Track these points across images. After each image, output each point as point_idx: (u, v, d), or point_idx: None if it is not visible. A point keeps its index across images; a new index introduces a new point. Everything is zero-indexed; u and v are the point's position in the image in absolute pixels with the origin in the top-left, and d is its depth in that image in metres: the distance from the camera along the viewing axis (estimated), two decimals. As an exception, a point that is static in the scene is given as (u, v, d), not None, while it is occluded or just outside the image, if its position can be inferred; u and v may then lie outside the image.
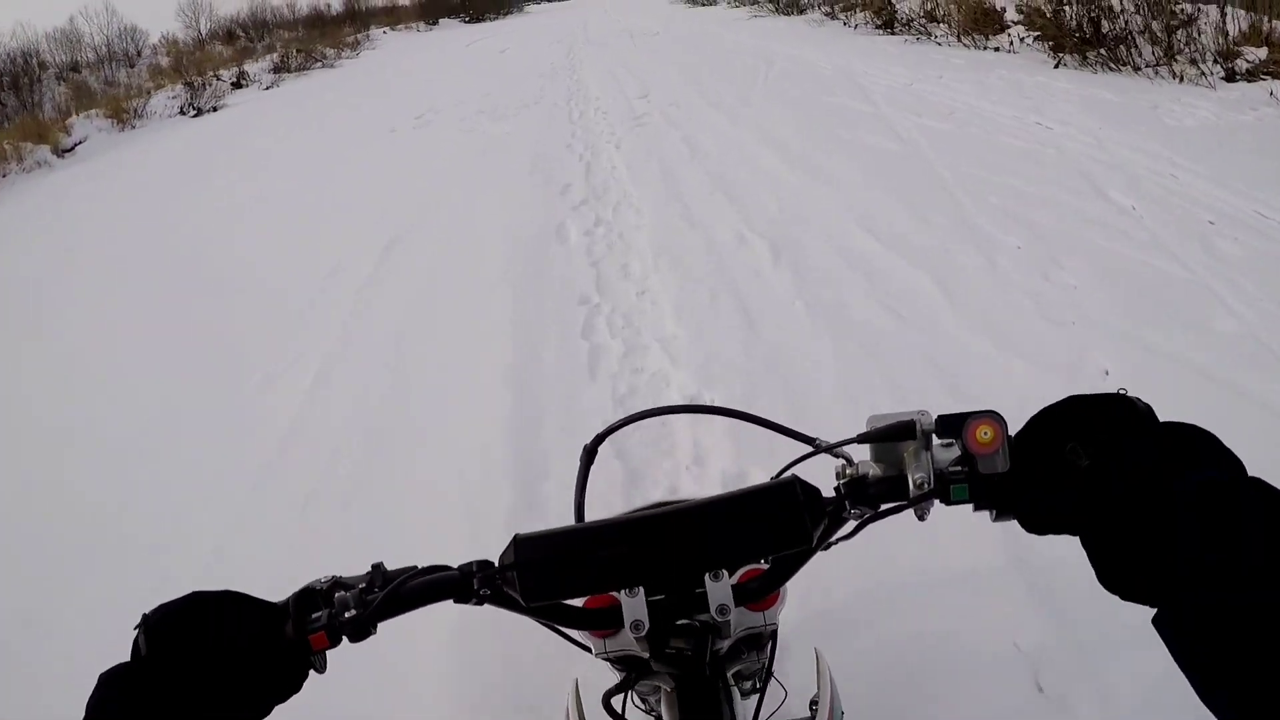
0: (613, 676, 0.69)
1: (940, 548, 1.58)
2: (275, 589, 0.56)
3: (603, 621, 0.61)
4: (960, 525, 0.77)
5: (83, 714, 0.47)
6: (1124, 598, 0.46)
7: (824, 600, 1.52)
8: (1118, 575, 0.46)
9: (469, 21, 26.65)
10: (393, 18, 27.16)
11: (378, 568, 0.57)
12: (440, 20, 25.92)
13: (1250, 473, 0.44)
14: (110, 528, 2.17)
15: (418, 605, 0.55)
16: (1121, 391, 0.50)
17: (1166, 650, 0.43)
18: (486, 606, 0.56)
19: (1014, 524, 0.52)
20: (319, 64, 15.82)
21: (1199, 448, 0.46)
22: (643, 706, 0.83)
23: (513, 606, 0.57)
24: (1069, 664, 1.39)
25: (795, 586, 0.65)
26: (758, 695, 0.78)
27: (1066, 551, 0.52)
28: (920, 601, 1.54)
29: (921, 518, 0.55)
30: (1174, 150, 3.73)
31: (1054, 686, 1.37)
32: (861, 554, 0.74)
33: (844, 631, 1.48)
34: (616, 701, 0.65)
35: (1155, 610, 0.44)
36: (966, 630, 1.47)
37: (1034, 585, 1.53)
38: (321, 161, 6.54)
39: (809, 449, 0.66)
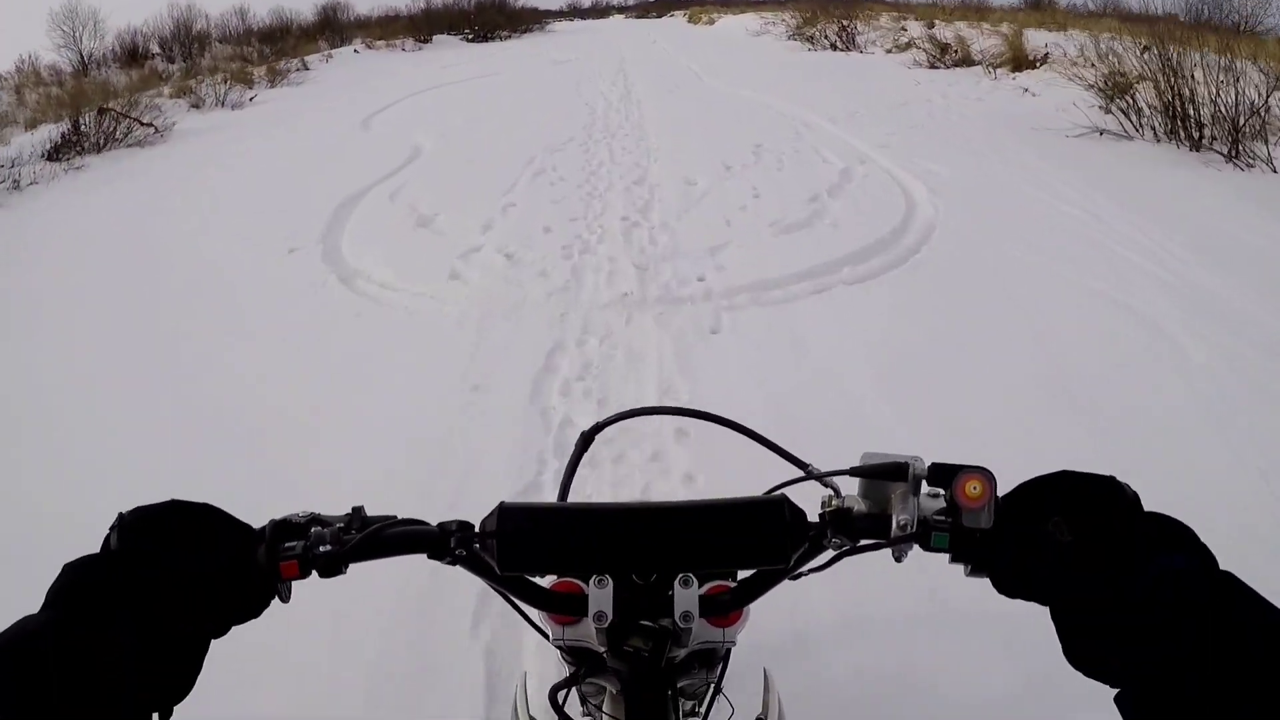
0: (559, 674, 0.69)
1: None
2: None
3: (567, 607, 0.62)
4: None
5: (42, 600, 0.46)
6: (1087, 675, 0.48)
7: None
8: (1084, 652, 0.48)
9: (472, 40, 22.74)
10: (380, 31, 22.62)
11: (357, 510, 0.59)
12: (435, 37, 21.86)
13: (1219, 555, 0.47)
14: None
15: (392, 553, 0.56)
16: (1112, 477, 0.52)
17: None
18: (458, 568, 0.58)
19: (986, 582, 0.53)
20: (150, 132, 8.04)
21: (1174, 537, 0.49)
22: (585, 709, 0.83)
23: (484, 572, 0.58)
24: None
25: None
26: (705, 709, 0.78)
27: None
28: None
29: (899, 559, 0.56)
30: None
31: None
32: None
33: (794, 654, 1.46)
34: (563, 696, 0.66)
35: (1119, 689, 0.45)
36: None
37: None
38: None
39: (800, 474, 0.68)
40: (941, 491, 0.55)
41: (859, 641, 1.66)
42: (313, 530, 0.55)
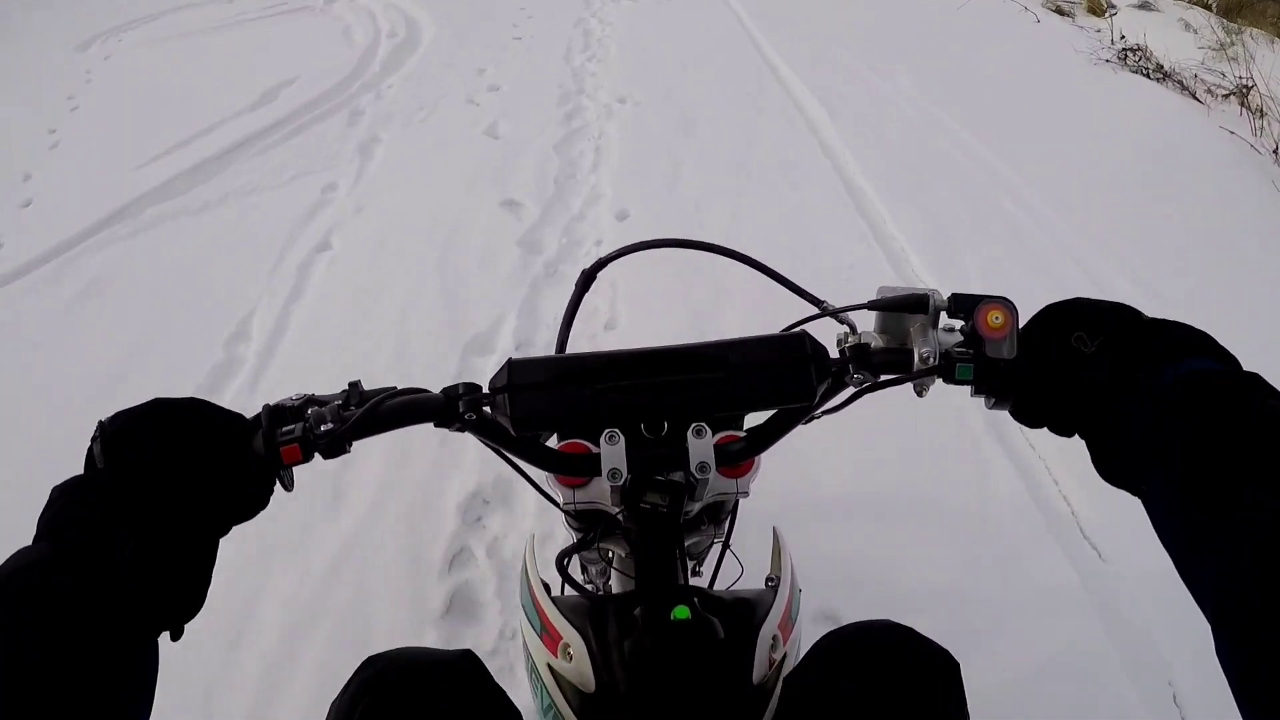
0: (564, 541, 0.68)
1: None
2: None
3: (580, 467, 0.60)
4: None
5: (34, 531, 0.44)
6: (1117, 485, 0.49)
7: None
8: (1114, 465, 0.49)
9: None
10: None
11: (354, 385, 0.56)
12: None
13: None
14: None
15: (397, 425, 0.53)
16: (1123, 303, 0.52)
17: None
18: (467, 435, 0.54)
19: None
20: None
21: (1197, 342, 0.49)
22: (587, 576, 0.83)
23: (496, 435, 0.56)
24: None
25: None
26: (714, 568, 0.78)
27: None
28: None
29: (920, 394, 0.56)
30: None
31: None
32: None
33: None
34: (568, 562, 0.66)
35: (1146, 495, 0.45)
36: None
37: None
38: None
39: (816, 310, 0.66)
40: (958, 324, 0.54)
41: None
42: (310, 411, 0.52)
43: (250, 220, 2.91)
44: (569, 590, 0.67)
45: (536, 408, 0.54)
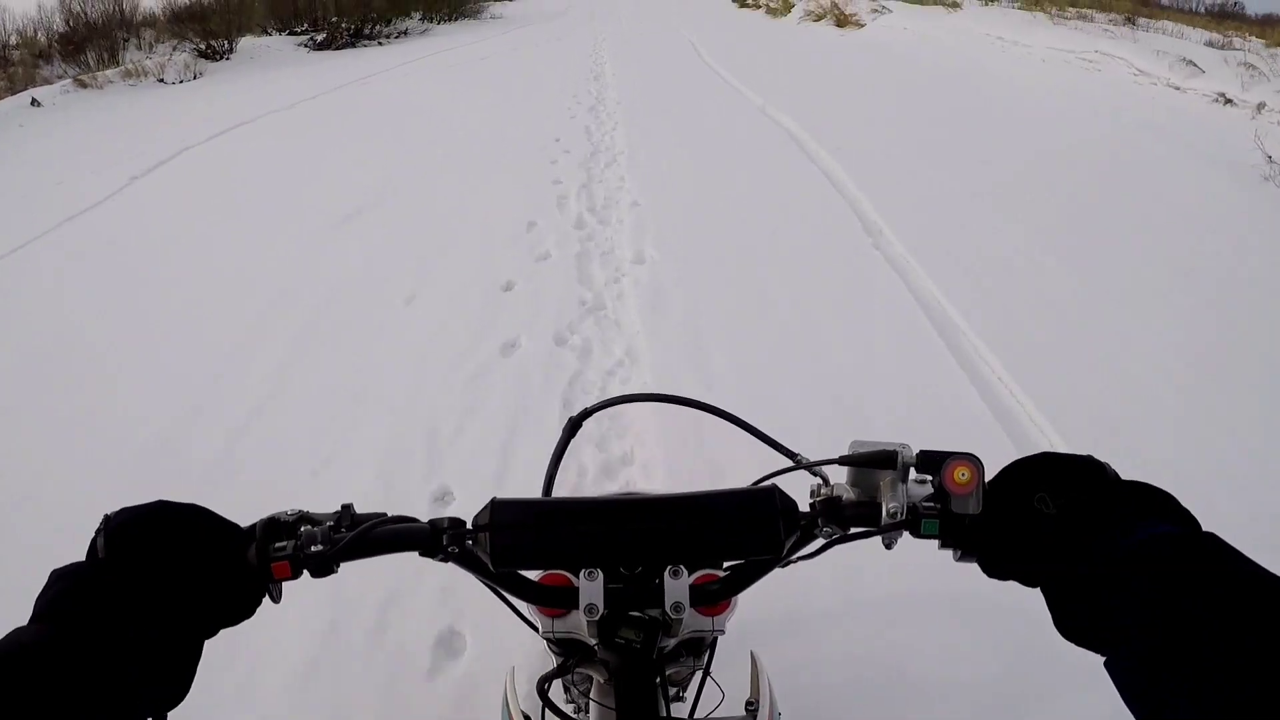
0: (546, 666, 0.72)
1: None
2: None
3: (558, 600, 0.63)
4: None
5: (31, 611, 0.47)
6: (1078, 644, 0.51)
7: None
8: (1073, 623, 0.51)
9: (322, 45, 15.68)
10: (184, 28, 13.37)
11: (347, 508, 0.59)
12: (247, 42, 14.44)
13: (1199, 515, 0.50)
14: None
15: (383, 552, 0.57)
16: (1090, 456, 0.55)
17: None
18: (450, 566, 0.58)
19: (974, 568, 0.55)
20: None
21: (1156, 504, 0.52)
22: (569, 696, 0.85)
23: (476, 568, 0.60)
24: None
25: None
26: (695, 695, 0.81)
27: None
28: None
29: (889, 546, 0.59)
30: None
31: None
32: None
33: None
34: (549, 687, 0.68)
35: (1106, 656, 0.47)
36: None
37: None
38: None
39: (790, 463, 0.70)
40: (929, 478, 0.56)
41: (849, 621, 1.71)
42: (302, 529, 0.55)
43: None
44: (550, 716, 0.69)
45: (515, 548, 0.59)
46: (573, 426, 0.82)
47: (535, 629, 0.71)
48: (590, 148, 5.61)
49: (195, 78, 12.28)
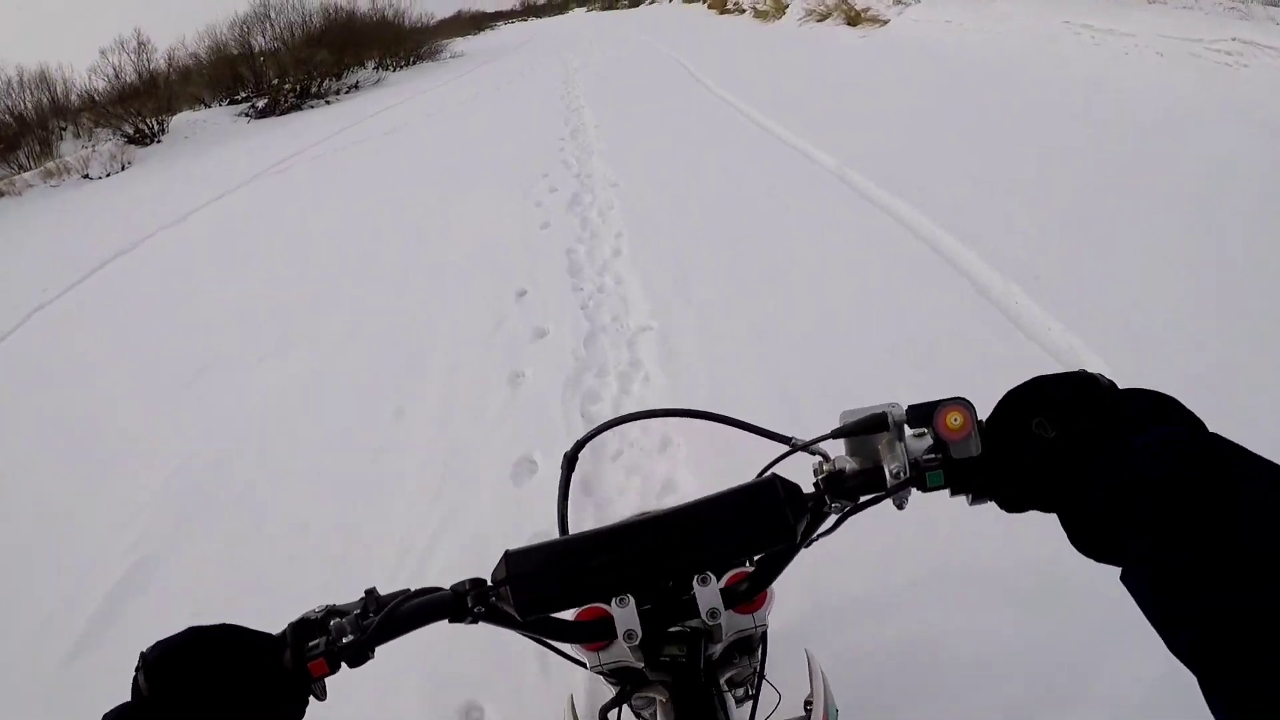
0: (609, 691, 0.76)
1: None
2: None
3: (595, 634, 0.67)
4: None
5: None
6: (1094, 559, 0.53)
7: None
8: (1087, 537, 0.53)
9: (262, 113, 15.67)
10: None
11: (370, 593, 0.63)
12: (182, 117, 14.76)
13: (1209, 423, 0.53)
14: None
15: (413, 627, 0.61)
16: (1082, 370, 0.57)
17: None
18: (481, 625, 0.63)
19: (993, 505, 0.59)
20: None
21: (1159, 408, 0.53)
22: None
23: (507, 623, 0.64)
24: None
25: (780, 587, 0.73)
26: (752, 700, 0.84)
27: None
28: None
29: (900, 506, 0.62)
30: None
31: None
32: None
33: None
34: (612, 715, 0.73)
35: (1122, 568, 0.51)
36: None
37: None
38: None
39: (785, 448, 0.75)
40: (926, 431, 0.60)
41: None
42: (332, 623, 0.60)
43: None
44: None
45: (537, 595, 0.62)
46: (569, 462, 0.87)
47: (584, 665, 0.75)
48: (586, 324, 3.52)
49: (124, 168, 11.88)
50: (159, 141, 13.65)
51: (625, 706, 0.81)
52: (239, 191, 8.21)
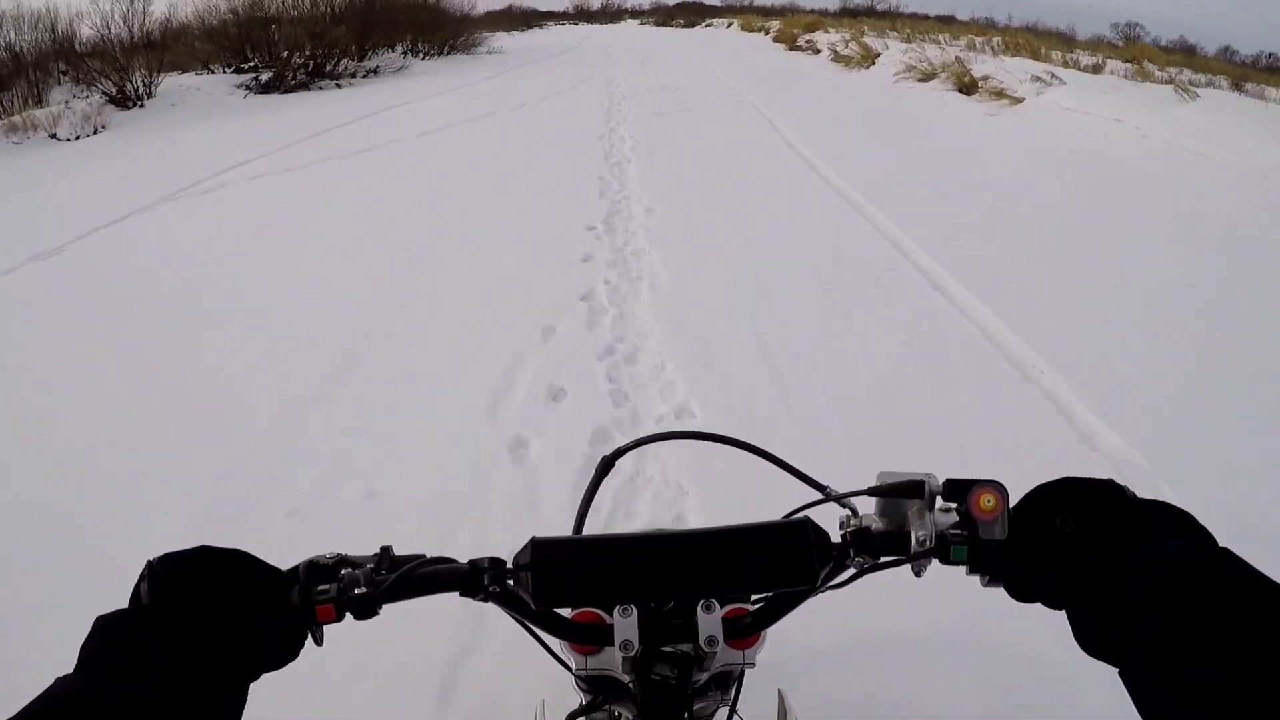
0: (574, 703, 0.83)
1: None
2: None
3: (592, 637, 0.72)
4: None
5: (76, 658, 0.55)
6: (1096, 657, 0.58)
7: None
8: (1092, 635, 0.58)
9: (269, 87, 14.39)
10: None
11: (385, 550, 0.66)
12: (171, 81, 13.45)
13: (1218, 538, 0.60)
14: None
15: (426, 593, 0.65)
16: (1111, 480, 0.63)
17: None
18: (490, 605, 0.69)
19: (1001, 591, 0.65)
20: None
21: (1174, 522, 0.59)
22: None
23: (517, 607, 0.69)
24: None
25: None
26: None
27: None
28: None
29: (918, 574, 0.67)
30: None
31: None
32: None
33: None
34: None
35: (1120, 668, 0.57)
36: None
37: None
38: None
39: (819, 495, 0.80)
40: (955, 505, 0.65)
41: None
42: (344, 572, 0.63)
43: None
44: None
45: (557, 586, 0.65)
46: (605, 466, 0.91)
47: (568, 667, 0.80)
48: None
49: (96, 132, 10.67)
50: (142, 106, 12.49)
51: (590, 718, 0.85)
52: (143, 215, 6.13)
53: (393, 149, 8.51)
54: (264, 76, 15.38)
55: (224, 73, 15.74)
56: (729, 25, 37.20)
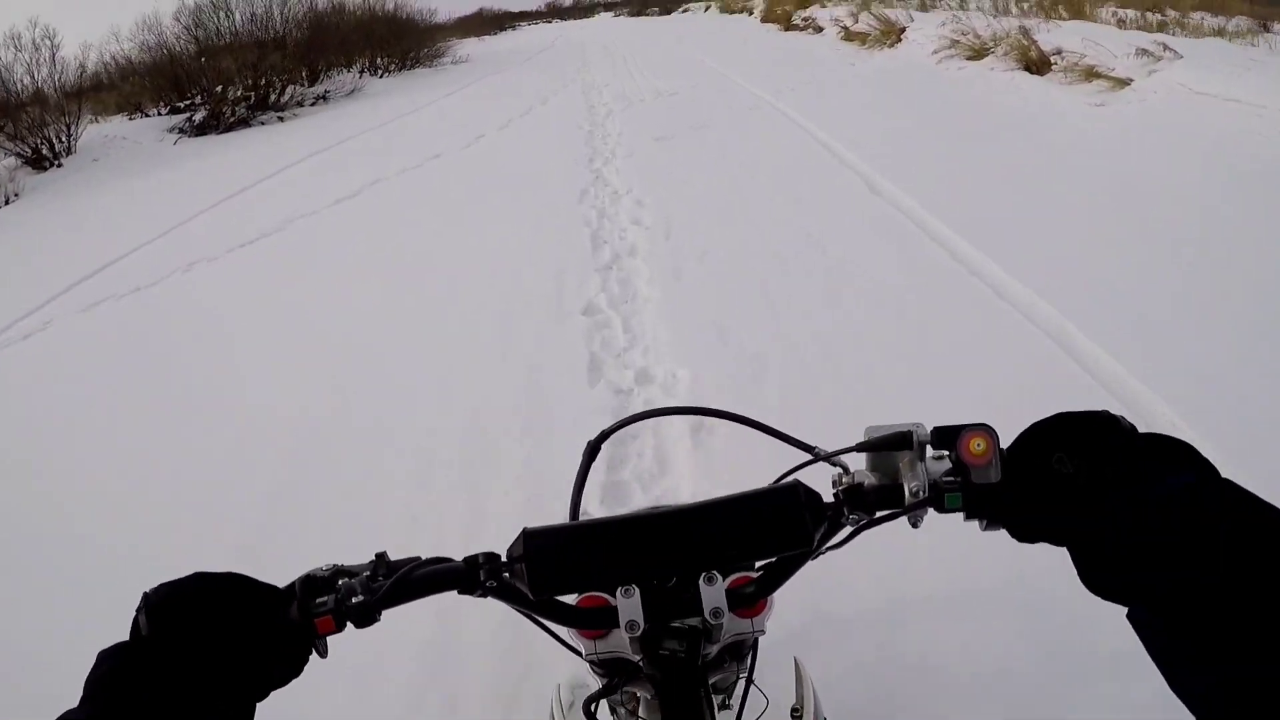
0: (593, 685, 0.86)
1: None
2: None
3: (598, 621, 0.75)
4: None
5: (81, 692, 0.57)
6: (1103, 597, 0.59)
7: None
8: (1097, 576, 0.58)
9: (204, 128, 13.08)
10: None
11: (381, 557, 0.69)
12: (93, 134, 12.42)
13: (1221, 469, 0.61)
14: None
15: (423, 594, 0.67)
16: (1106, 411, 0.63)
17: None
18: (490, 600, 0.74)
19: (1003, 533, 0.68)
20: None
21: (1175, 456, 0.58)
22: (617, 717, 0.96)
23: (516, 599, 0.72)
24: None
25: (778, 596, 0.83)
26: (739, 703, 0.91)
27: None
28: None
29: (915, 525, 0.69)
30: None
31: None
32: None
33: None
34: (595, 707, 0.80)
35: (1129, 608, 0.59)
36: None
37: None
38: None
39: (808, 457, 0.82)
40: (947, 453, 0.66)
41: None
42: (340, 582, 0.64)
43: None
44: None
45: (552, 574, 0.67)
46: (591, 451, 0.94)
47: (578, 653, 0.83)
48: None
49: (7, 202, 9.45)
50: (60, 165, 11.17)
51: (608, 700, 0.88)
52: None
53: (288, 237, 5.99)
54: (199, 116, 13.74)
55: (160, 113, 15.08)
56: (706, 9, 36.46)
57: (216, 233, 6.32)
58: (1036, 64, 8.49)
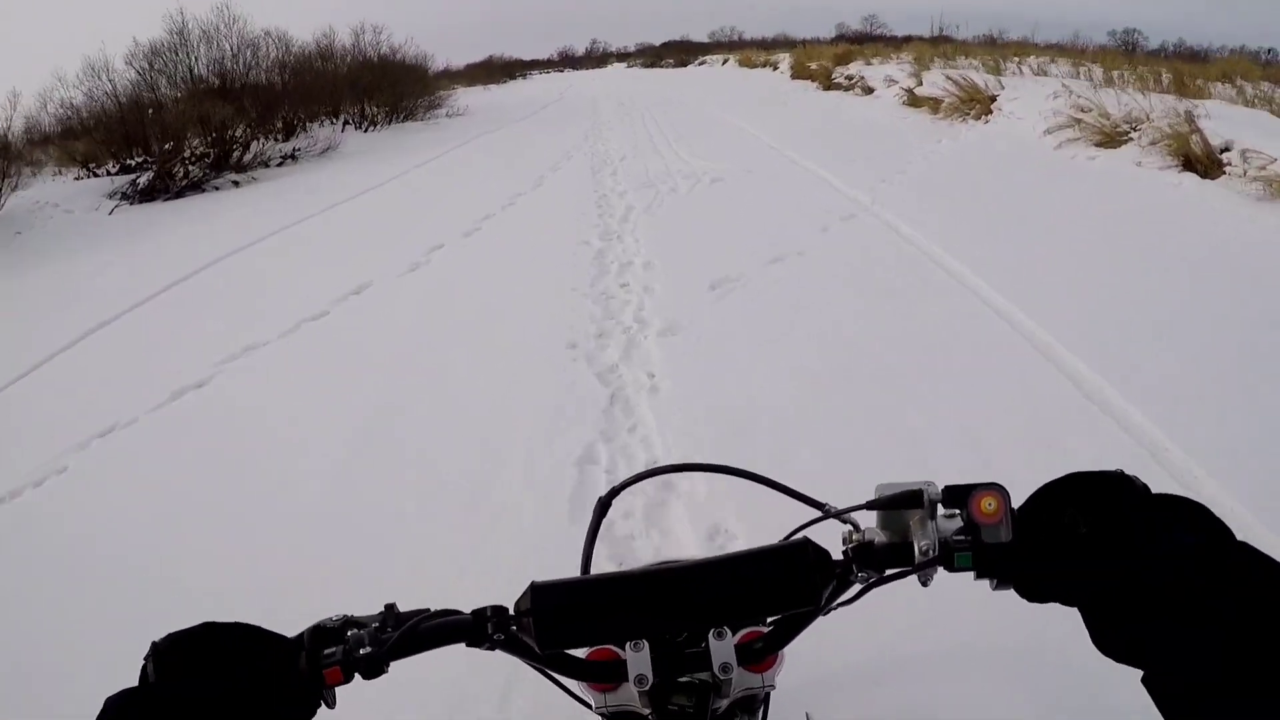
0: None
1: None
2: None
3: (606, 674, 0.80)
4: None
5: None
6: (1114, 659, 0.60)
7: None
8: (1111, 638, 0.59)
9: (149, 194, 11.32)
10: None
11: (390, 608, 0.72)
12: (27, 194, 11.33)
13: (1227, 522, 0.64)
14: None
15: (431, 646, 0.70)
16: (1119, 470, 0.65)
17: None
18: (498, 652, 0.79)
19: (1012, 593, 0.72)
20: None
21: (1188, 516, 0.59)
22: None
23: (524, 653, 0.76)
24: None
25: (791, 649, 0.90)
26: None
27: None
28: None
29: (925, 584, 0.72)
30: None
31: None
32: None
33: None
34: None
35: (1143, 671, 0.61)
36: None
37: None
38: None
39: (818, 514, 0.87)
40: (957, 512, 0.69)
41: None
42: (349, 633, 0.67)
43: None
44: None
45: (560, 628, 0.70)
46: (603, 507, 0.98)
47: (589, 706, 0.88)
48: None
49: None
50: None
51: None
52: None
53: (169, 422, 3.55)
54: (141, 180, 12.02)
55: (108, 174, 13.74)
56: (724, 62, 36.33)
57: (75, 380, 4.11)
58: (1202, 161, 6.42)
